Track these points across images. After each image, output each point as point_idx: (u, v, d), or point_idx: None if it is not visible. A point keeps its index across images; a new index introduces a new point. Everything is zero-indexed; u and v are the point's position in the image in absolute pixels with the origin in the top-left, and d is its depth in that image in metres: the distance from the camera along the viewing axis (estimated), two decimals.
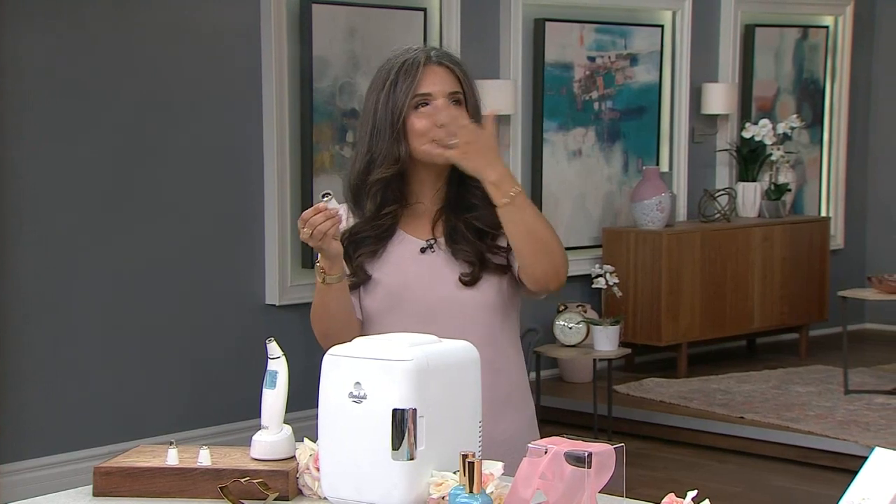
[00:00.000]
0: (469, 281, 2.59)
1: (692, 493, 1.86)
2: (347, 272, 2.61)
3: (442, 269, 2.61)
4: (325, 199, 2.47)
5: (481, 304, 2.60)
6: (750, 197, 7.60)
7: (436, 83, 2.59)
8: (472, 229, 2.61)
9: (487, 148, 2.52)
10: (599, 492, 1.91)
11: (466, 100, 2.63)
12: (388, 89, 2.60)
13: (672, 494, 1.88)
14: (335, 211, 2.47)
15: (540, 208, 5.03)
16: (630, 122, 7.28)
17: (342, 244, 2.57)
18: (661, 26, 7.38)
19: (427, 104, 2.58)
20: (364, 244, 2.63)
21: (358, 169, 2.63)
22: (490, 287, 2.60)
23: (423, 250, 2.63)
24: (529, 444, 1.94)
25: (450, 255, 2.61)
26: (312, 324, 2.61)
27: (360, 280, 2.63)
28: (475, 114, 2.63)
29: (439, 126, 2.56)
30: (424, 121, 2.58)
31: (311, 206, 6.13)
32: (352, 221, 2.66)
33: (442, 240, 2.63)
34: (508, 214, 2.54)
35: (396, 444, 2.01)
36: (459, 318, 2.59)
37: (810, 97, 8.21)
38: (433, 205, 2.65)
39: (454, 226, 2.62)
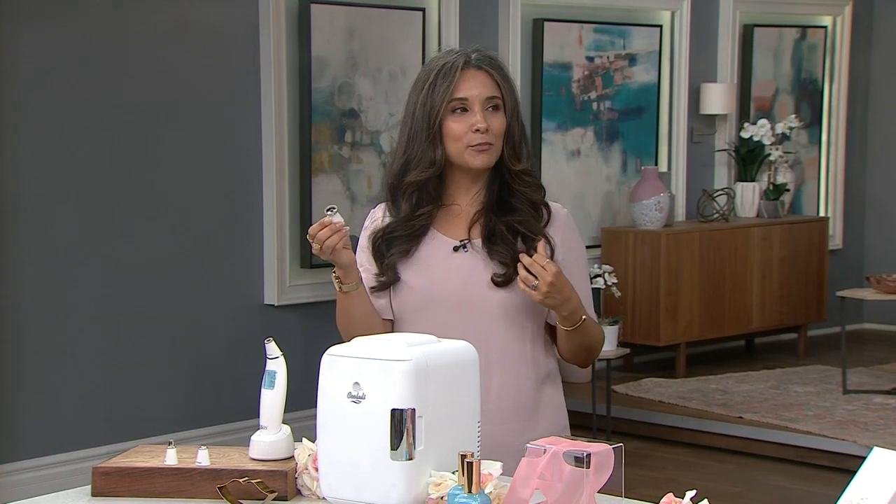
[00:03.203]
0: (502, 282, 2.58)
1: (691, 493, 1.86)
2: (375, 281, 2.63)
3: (474, 267, 2.60)
4: (329, 213, 2.49)
5: (512, 306, 2.59)
6: (748, 197, 7.60)
7: (473, 87, 2.58)
8: (512, 231, 2.60)
9: (565, 286, 2.52)
10: (598, 492, 1.91)
11: (505, 104, 2.62)
12: (426, 92, 2.60)
13: (671, 494, 1.88)
14: (340, 224, 2.49)
15: None
16: (629, 122, 7.28)
17: (376, 243, 2.63)
18: (660, 26, 7.38)
19: (464, 108, 2.58)
20: (396, 243, 2.63)
21: (395, 170, 2.64)
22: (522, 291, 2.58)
23: (455, 249, 2.62)
24: (528, 445, 1.94)
25: (485, 255, 2.60)
26: (338, 326, 2.63)
27: (389, 280, 2.63)
28: (513, 117, 2.63)
29: (474, 131, 2.57)
30: (460, 125, 2.58)
31: (310, 204, 6.11)
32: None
33: (478, 241, 2.62)
34: (567, 335, 2.59)
35: (395, 444, 2.01)
36: (489, 317, 2.58)
37: (809, 97, 8.21)
38: (471, 207, 2.65)
39: (494, 227, 2.61)
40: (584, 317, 2.56)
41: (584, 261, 2.70)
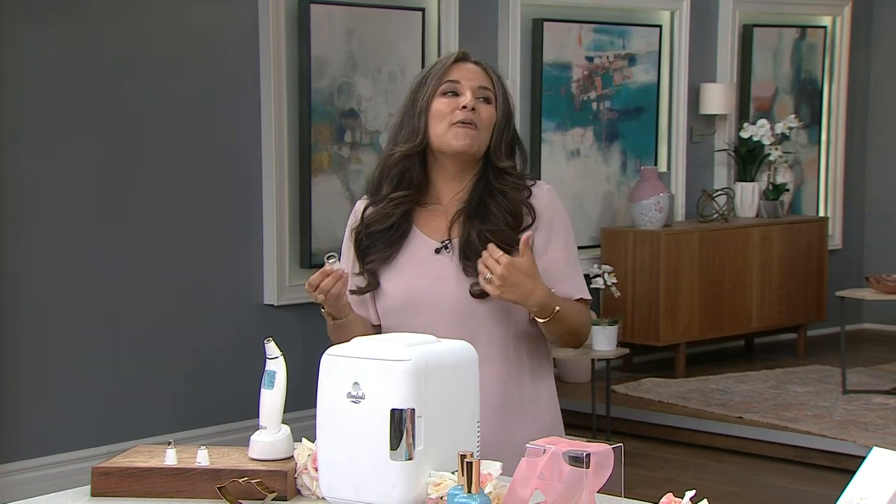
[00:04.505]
0: (479, 293, 2.56)
1: (690, 493, 1.86)
2: (354, 285, 2.63)
3: (455, 271, 2.59)
4: (331, 261, 2.49)
5: (494, 309, 2.59)
6: (748, 197, 7.60)
7: (466, 75, 2.59)
8: (485, 242, 2.56)
9: (525, 277, 2.47)
10: (598, 492, 1.91)
11: (496, 99, 2.61)
12: (419, 81, 2.63)
13: (670, 494, 1.88)
14: (341, 272, 2.50)
15: None
16: (628, 123, 7.28)
17: (358, 238, 2.64)
18: (660, 26, 7.38)
19: (455, 93, 2.58)
20: (377, 247, 2.62)
21: (385, 152, 2.65)
22: None
23: (437, 251, 2.61)
24: (528, 444, 1.94)
25: (464, 263, 2.59)
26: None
27: (370, 287, 2.63)
28: (504, 117, 2.62)
29: (461, 108, 2.56)
30: (447, 104, 2.58)
31: (310, 204, 6.08)
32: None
33: (457, 240, 2.60)
34: (547, 327, 2.57)
35: (395, 445, 2.00)
36: (472, 319, 2.58)
37: (808, 97, 8.21)
38: (452, 206, 2.63)
39: (468, 237, 2.58)
40: (556, 308, 2.52)
41: (568, 230, 2.66)
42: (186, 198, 5.56)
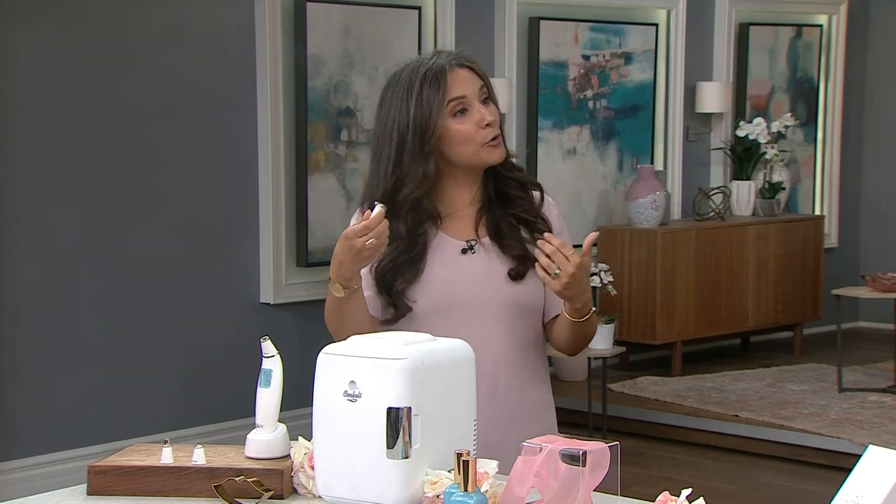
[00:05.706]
0: (516, 275, 2.54)
1: (686, 492, 1.86)
2: (391, 315, 2.57)
3: (485, 267, 2.57)
4: (378, 208, 2.38)
5: (524, 303, 2.57)
6: (744, 195, 7.61)
7: (467, 85, 2.54)
8: (518, 221, 2.58)
9: (585, 276, 2.44)
10: (594, 490, 1.91)
11: (490, 94, 2.58)
12: (416, 100, 2.51)
13: (666, 493, 1.88)
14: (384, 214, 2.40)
15: None
16: (624, 121, 7.28)
17: (382, 276, 2.55)
18: (656, 25, 7.38)
19: (464, 109, 2.54)
20: (401, 272, 2.55)
21: (384, 190, 2.53)
22: (534, 284, 2.56)
23: (463, 251, 2.59)
24: (524, 443, 1.94)
25: (497, 252, 2.57)
26: (328, 324, 2.56)
27: (402, 312, 2.56)
28: (498, 107, 2.61)
29: (484, 127, 2.53)
30: (467, 125, 2.53)
31: (306, 202, 6.05)
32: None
33: (486, 239, 2.59)
34: (573, 326, 2.54)
35: (391, 443, 2.00)
36: (501, 315, 2.55)
37: (804, 96, 8.22)
38: (472, 207, 2.61)
39: (498, 221, 2.58)
40: (592, 309, 2.52)
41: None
42: (183, 196, 5.56)
